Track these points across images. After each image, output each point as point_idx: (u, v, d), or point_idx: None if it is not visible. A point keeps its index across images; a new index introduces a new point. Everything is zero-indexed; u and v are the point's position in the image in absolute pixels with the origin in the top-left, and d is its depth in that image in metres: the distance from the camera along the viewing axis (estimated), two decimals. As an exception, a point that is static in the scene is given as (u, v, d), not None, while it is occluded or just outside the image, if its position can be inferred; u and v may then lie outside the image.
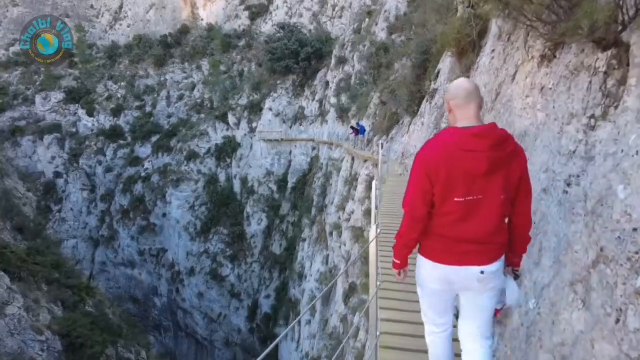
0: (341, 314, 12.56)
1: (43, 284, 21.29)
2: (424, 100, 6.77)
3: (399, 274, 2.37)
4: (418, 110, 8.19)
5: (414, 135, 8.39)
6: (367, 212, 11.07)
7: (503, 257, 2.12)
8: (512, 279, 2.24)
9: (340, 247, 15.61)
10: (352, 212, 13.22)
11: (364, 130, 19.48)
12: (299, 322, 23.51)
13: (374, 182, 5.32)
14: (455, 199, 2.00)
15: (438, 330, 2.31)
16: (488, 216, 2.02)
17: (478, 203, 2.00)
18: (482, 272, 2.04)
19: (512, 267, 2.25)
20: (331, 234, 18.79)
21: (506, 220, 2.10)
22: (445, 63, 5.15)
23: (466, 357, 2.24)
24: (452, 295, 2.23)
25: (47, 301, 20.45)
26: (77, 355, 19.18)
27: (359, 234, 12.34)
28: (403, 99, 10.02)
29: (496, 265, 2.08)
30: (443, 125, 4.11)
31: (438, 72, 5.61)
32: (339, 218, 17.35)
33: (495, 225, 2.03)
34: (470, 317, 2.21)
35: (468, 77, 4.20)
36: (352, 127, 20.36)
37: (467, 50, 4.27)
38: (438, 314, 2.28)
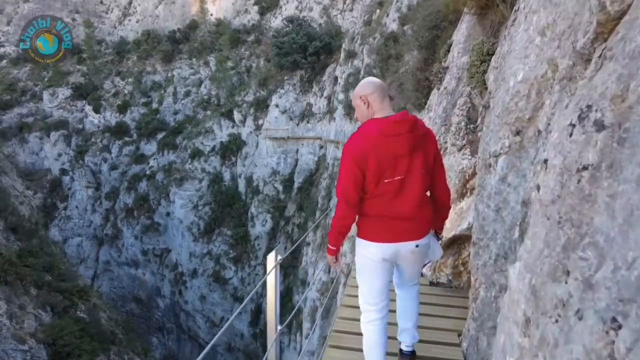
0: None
1: (32, 288, 20.27)
2: (434, 88, 5.22)
3: (334, 260, 2.50)
4: (426, 102, 6.63)
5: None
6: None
7: (432, 231, 2.41)
8: (436, 240, 2.51)
9: (343, 257, 14.12)
10: (354, 220, 11.60)
11: None
12: (301, 333, 22.10)
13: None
14: (386, 180, 2.20)
15: (378, 317, 2.44)
16: (414, 192, 2.23)
17: (404, 181, 2.21)
18: (416, 246, 2.30)
19: (436, 231, 2.54)
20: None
21: (428, 193, 2.34)
22: (461, 30, 3.65)
23: (400, 300, 2.60)
24: (390, 271, 2.42)
25: (34, 307, 19.41)
26: (63, 365, 18.00)
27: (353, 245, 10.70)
28: (408, 90, 8.42)
29: (427, 239, 2.35)
30: (456, 119, 2.91)
31: (450, 46, 4.05)
32: (342, 224, 15.81)
33: (421, 199, 2.26)
34: (403, 273, 2.51)
35: (496, 42, 2.80)
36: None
37: (494, 1, 2.81)
38: (377, 294, 2.42)
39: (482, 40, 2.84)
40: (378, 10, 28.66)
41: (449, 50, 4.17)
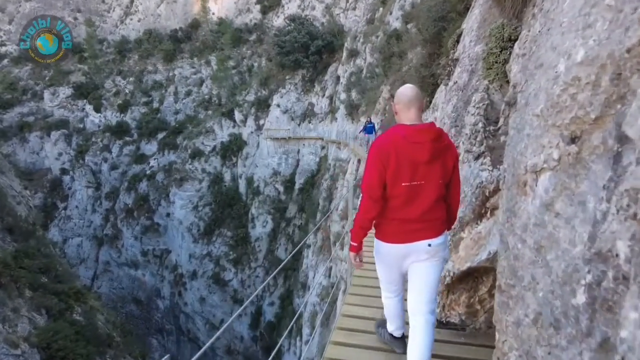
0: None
1: (27, 291, 19.88)
2: (441, 84, 4.68)
3: (355, 258, 2.62)
4: (431, 102, 6.09)
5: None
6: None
7: (446, 232, 2.48)
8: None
9: (342, 262, 13.58)
10: (354, 225, 11.06)
11: (373, 130, 17.18)
12: (301, 338, 21.61)
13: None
14: (403, 183, 2.33)
15: (392, 295, 2.73)
16: (428, 198, 2.35)
17: (421, 187, 2.34)
18: (429, 245, 2.38)
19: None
20: (335, 244, 16.77)
21: (443, 200, 2.43)
22: (473, 16, 3.13)
23: (413, 330, 2.47)
24: (405, 267, 2.53)
25: (28, 310, 19.01)
26: (58, 369, 17.62)
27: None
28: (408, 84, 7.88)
29: (441, 238, 2.42)
30: (470, 120, 2.41)
31: (459, 36, 3.51)
32: (343, 228, 15.28)
33: (434, 205, 2.37)
34: (417, 290, 2.47)
35: (519, 25, 2.19)
36: (365, 125, 17.47)
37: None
38: (393, 283, 2.67)
39: (501, 24, 2.32)
40: (381, 9, 28.11)
41: (458, 41, 3.64)
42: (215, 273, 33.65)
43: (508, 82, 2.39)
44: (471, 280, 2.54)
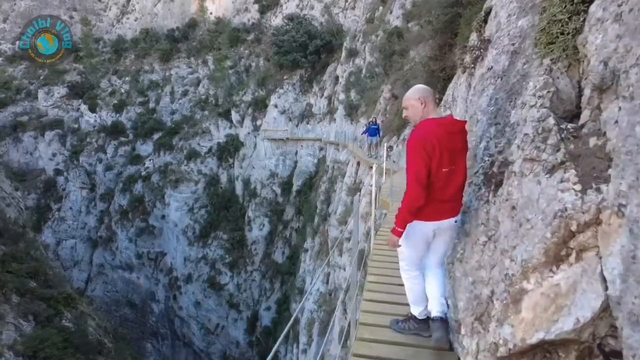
0: (336, 358, 9.95)
1: (14, 296, 19.19)
2: (455, 77, 4.06)
3: (397, 242, 2.81)
4: (441, 99, 5.48)
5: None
6: (368, 234, 8.44)
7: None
8: None
9: (340, 270, 12.94)
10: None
11: (377, 131, 15.54)
12: (298, 345, 20.94)
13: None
14: (443, 169, 2.63)
15: (418, 272, 2.99)
16: (458, 181, 2.72)
17: (453, 172, 2.68)
18: (455, 221, 2.81)
19: None
20: (333, 249, 16.13)
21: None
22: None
23: (431, 277, 2.97)
24: (430, 241, 2.89)
25: (15, 316, 18.35)
26: (44, 378, 16.96)
27: (359, 260, 9.55)
28: (420, 83, 7.25)
29: (461, 215, 2.83)
30: (533, 113, 2.03)
31: (487, 14, 2.89)
32: (341, 233, 14.65)
33: (461, 187, 2.76)
34: (436, 252, 2.97)
35: None
36: (368, 125, 16.18)
37: None
38: (419, 259, 2.97)
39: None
40: (381, 8, 27.55)
41: (486, 20, 3.01)
42: (210, 277, 32.94)
43: (579, 60, 1.78)
44: (539, 355, 1.84)
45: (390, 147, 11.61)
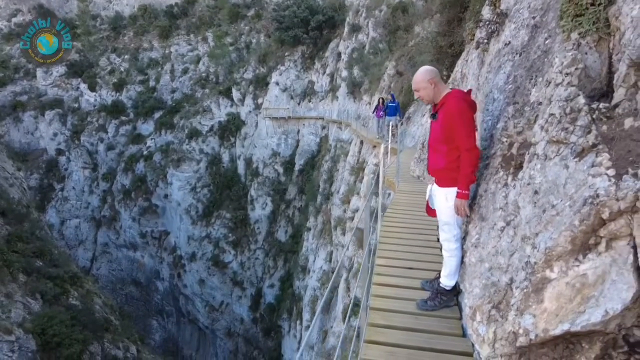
0: (340, 335, 10.07)
1: (21, 275, 19.41)
2: (464, 54, 3.87)
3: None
4: (449, 76, 5.29)
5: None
6: (373, 213, 8.33)
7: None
8: None
9: (343, 248, 12.95)
10: (357, 210, 10.39)
11: (397, 110, 12.57)
12: (301, 321, 21.28)
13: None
14: (476, 133, 2.81)
15: (460, 245, 3.02)
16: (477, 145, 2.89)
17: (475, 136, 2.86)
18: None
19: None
20: (336, 228, 16.14)
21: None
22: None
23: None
24: None
25: (23, 295, 18.59)
26: (53, 355, 17.34)
27: (362, 239, 9.52)
28: (426, 61, 6.96)
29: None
30: (560, 92, 1.72)
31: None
32: (344, 212, 14.60)
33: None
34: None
35: None
36: (379, 103, 13.55)
37: None
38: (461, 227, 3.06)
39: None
40: (385, -19, 26.71)
41: (503, -11, 2.82)
42: (214, 255, 33.25)
43: (610, 34, 1.62)
44: (561, 346, 1.76)
45: (395, 126, 11.22)
